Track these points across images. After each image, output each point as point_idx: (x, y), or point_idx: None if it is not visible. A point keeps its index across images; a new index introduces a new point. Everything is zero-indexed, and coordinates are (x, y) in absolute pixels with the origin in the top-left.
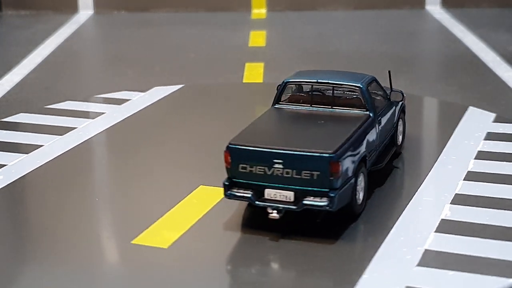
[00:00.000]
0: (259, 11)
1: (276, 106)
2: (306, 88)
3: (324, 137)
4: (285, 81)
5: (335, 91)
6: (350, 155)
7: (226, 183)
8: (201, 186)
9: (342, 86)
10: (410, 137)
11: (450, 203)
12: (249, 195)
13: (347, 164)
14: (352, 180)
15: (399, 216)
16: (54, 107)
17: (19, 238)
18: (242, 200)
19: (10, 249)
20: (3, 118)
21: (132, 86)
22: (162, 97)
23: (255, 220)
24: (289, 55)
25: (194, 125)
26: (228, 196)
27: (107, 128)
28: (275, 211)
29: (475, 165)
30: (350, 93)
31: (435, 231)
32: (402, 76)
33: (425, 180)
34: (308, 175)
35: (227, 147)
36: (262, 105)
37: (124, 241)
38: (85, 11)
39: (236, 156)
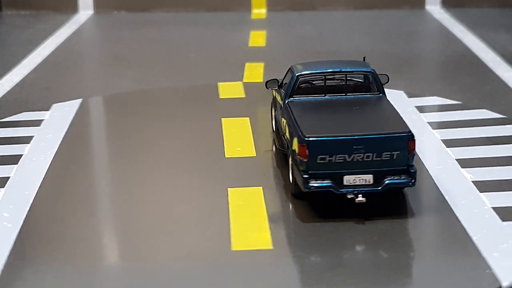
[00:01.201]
0: (259, 11)
1: (291, 99)
2: (315, 79)
3: (384, 119)
4: (296, 74)
5: (343, 78)
6: None
7: (305, 176)
8: (229, 189)
9: (354, 73)
10: None
11: None
12: (330, 184)
13: None
14: None
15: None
16: None
17: None
18: (323, 190)
19: None
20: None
21: (132, 87)
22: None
23: (317, 208)
24: (290, 55)
25: (175, 129)
26: (308, 188)
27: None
28: (360, 196)
29: None
30: (359, 78)
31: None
32: (402, 76)
33: None
34: (388, 156)
35: (304, 141)
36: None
37: (222, 250)
38: (85, 11)
39: (314, 148)
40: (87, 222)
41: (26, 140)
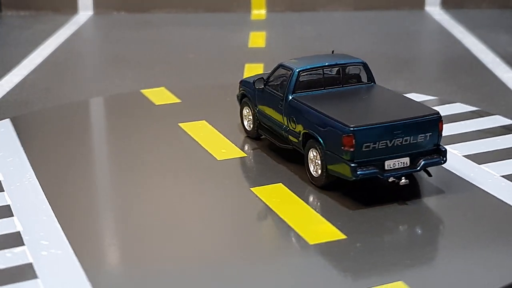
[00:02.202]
0: (259, 12)
1: (296, 95)
2: (313, 73)
3: (408, 104)
4: (297, 70)
5: (334, 71)
6: None
7: (353, 165)
8: (251, 188)
9: (348, 64)
10: None
11: None
12: (376, 170)
13: None
14: None
15: None
16: None
17: None
18: (370, 176)
19: None
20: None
21: (132, 87)
22: None
23: (351, 196)
24: (289, 56)
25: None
26: (357, 177)
27: None
28: (403, 178)
29: None
30: (352, 70)
31: None
32: (402, 76)
33: None
34: (422, 138)
35: (350, 131)
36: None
37: (302, 245)
38: (85, 12)
39: (360, 137)
40: (125, 228)
41: None
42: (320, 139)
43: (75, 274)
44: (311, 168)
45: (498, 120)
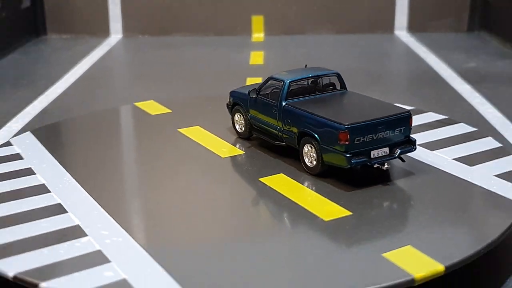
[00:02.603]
0: (258, 35)
1: (287, 101)
2: (299, 83)
3: (384, 105)
4: (288, 81)
5: (316, 81)
6: None
7: (348, 155)
8: (260, 179)
9: (326, 75)
10: None
11: None
12: (366, 159)
13: None
14: None
15: None
16: None
17: None
18: (361, 164)
19: None
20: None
21: (155, 97)
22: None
23: (344, 181)
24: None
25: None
26: (351, 164)
27: None
28: (386, 164)
29: None
30: (328, 80)
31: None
32: (376, 89)
33: None
34: (398, 131)
35: (345, 128)
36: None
37: (319, 222)
38: (116, 35)
39: (353, 133)
40: (159, 214)
41: (28, 172)
42: (316, 136)
43: (140, 255)
44: (306, 160)
45: (448, 120)
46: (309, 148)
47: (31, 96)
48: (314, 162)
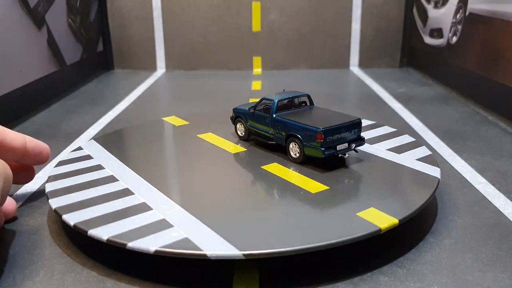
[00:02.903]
0: (257, 70)
1: (278, 114)
2: (284, 102)
3: (342, 114)
4: (276, 101)
5: (294, 100)
6: None
7: (323, 149)
8: (262, 167)
9: (300, 96)
10: None
11: None
12: (333, 151)
13: None
14: None
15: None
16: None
17: None
18: (331, 155)
19: None
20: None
21: (189, 112)
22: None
23: (319, 166)
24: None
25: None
26: (325, 155)
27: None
28: (346, 154)
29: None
30: (302, 99)
31: None
32: (337, 106)
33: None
34: (353, 131)
35: (321, 131)
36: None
37: (308, 194)
38: (161, 70)
39: (326, 134)
40: (193, 193)
41: (99, 167)
42: (300, 137)
43: (192, 220)
44: (292, 153)
45: (389, 129)
46: (293, 145)
47: (103, 111)
48: (298, 155)
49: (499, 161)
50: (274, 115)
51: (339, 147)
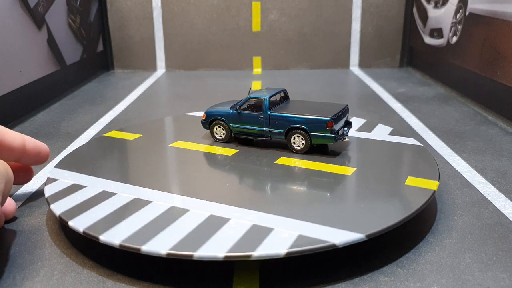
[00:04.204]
0: (257, 70)
1: (272, 110)
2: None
3: (328, 103)
4: (267, 97)
5: (277, 96)
6: None
7: (333, 135)
8: (275, 162)
9: (281, 92)
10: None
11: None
12: (340, 137)
13: None
14: None
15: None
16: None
17: None
18: (338, 140)
19: None
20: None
21: (185, 111)
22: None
23: (320, 153)
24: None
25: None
26: (335, 140)
27: None
28: (346, 138)
29: None
30: (282, 94)
31: None
32: None
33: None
34: (346, 117)
35: (330, 119)
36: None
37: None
38: (161, 70)
39: (335, 121)
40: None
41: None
42: (306, 128)
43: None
44: (294, 145)
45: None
46: (296, 137)
47: (103, 111)
48: (301, 146)
49: (499, 161)
50: (269, 112)
51: (339, 132)
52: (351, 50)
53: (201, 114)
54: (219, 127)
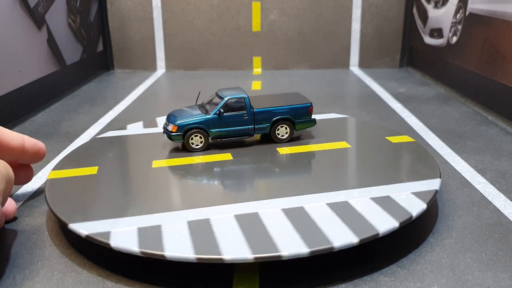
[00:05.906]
0: (257, 70)
1: (254, 108)
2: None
3: (293, 94)
4: (247, 96)
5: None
6: None
7: (314, 118)
8: (280, 151)
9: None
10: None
11: None
12: (315, 118)
13: None
14: None
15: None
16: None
17: None
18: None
19: None
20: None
21: None
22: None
23: (304, 137)
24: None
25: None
26: (315, 123)
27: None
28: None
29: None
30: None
31: None
32: (337, 106)
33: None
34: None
35: (311, 104)
36: None
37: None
38: (161, 70)
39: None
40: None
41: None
42: (291, 118)
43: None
44: (278, 135)
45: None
46: (281, 127)
47: (103, 111)
48: (285, 135)
49: (499, 161)
50: (252, 110)
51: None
52: (351, 50)
53: None
54: (196, 135)
